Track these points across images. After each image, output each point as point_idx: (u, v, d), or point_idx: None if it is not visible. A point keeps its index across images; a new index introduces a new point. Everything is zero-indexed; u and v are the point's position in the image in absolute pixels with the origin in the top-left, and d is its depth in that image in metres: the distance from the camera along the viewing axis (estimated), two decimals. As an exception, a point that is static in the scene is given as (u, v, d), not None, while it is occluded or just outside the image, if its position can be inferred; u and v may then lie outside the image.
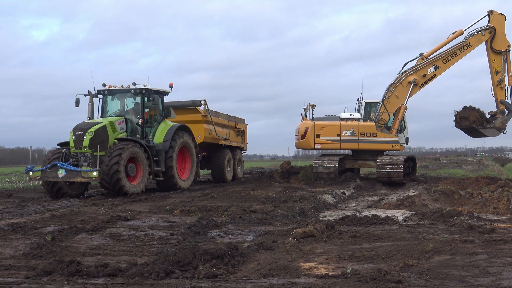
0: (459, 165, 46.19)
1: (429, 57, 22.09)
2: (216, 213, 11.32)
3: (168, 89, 18.33)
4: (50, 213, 11.29)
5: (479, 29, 22.01)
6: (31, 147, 49.96)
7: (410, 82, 21.87)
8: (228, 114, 23.78)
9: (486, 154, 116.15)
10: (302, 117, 23.05)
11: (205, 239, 8.38)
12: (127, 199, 14.53)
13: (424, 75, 21.88)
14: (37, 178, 15.51)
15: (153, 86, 17.59)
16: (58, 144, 16.44)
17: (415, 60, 22.26)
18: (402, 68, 22.40)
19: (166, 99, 18.85)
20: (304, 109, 22.90)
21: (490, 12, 22.04)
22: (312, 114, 22.69)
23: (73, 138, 15.73)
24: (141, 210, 12.02)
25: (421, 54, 22.20)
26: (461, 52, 22.06)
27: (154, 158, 16.92)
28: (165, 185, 17.62)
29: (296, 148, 24.45)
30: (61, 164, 15.12)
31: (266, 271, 5.94)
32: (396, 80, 22.15)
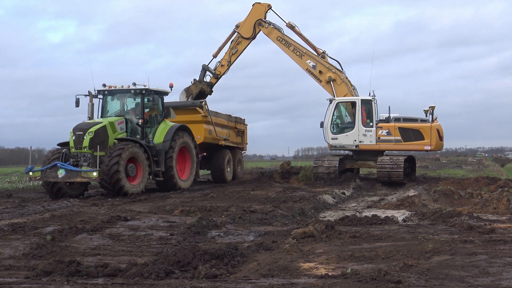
0: (459, 165, 46.16)
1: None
2: (216, 213, 11.32)
3: (168, 89, 18.36)
4: (50, 213, 11.30)
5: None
6: (31, 147, 49.85)
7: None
8: (229, 114, 23.79)
9: (486, 155, 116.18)
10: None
11: (205, 239, 8.38)
12: (127, 199, 14.53)
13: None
14: (37, 178, 15.51)
15: (153, 86, 17.61)
16: (58, 144, 16.44)
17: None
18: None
19: (166, 99, 18.89)
20: (425, 111, 22.16)
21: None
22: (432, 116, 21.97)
23: (73, 138, 15.73)
24: (141, 210, 12.03)
25: (324, 52, 22.91)
26: None
27: (154, 158, 16.92)
28: (165, 185, 17.62)
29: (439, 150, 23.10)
30: (61, 164, 15.12)
31: (266, 271, 5.95)
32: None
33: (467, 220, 9.74)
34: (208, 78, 23.55)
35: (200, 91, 23.20)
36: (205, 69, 23.46)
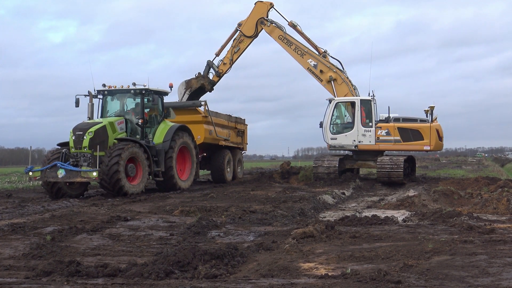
0: (459, 165, 46.18)
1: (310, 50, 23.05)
2: (216, 213, 11.32)
3: (168, 89, 18.36)
4: (50, 213, 11.30)
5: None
6: (30, 147, 49.74)
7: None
8: (229, 114, 23.79)
9: (486, 155, 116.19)
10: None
11: (205, 239, 8.38)
12: (127, 199, 14.53)
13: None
14: (37, 178, 15.51)
15: (153, 86, 17.61)
16: (58, 144, 16.44)
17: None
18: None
19: (166, 99, 18.89)
20: (425, 111, 22.13)
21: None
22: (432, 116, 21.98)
23: (73, 138, 15.72)
24: (140, 210, 12.02)
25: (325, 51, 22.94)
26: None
27: (154, 159, 16.92)
28: (165, 186, 17.62)
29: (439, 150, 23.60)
30: (61, 164, 15.11)
31: (266, 272, 5.94)
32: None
33: (467, 220, 9.74)
34: (211, 75, 23.62)
35: (200, 86, 23.27)
36: (209, 65, 23.53)
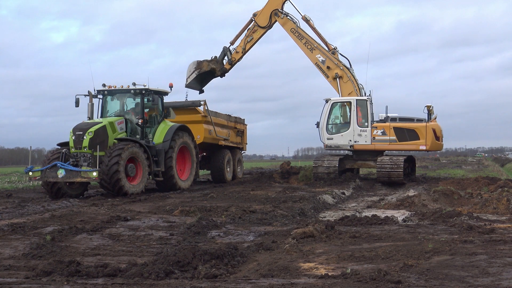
0: (459, 165, 46.18)
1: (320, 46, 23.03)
2: (216, 213, 11.32)
3: (168, 89, 18.36)
4: (50, 213, 11.29)
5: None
6: (30, 147, 49.63)
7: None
8: (228, 114, 23.80)
9: (486, 155, 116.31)
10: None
11: (204, 239, 8.38)
12: (127, 199, 14.53)
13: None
14: (37, 178, 15.51)
15: (153, 86, 17.61)
16: (58, 144, 16.44)
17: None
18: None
19: (166, 99, 18.89)
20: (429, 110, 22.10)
21: None
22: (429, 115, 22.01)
23: (73, 138, 15.73)
24: (140, 210, 12.02)
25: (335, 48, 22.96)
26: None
27: (153, 158, 16.92)
28: (165, 185, 17.62)
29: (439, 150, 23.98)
30: (61, 164, 15.11)
31: (265, 271, 5.94)
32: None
33: (467, 220, 9.74)
34: (225, 61, 23.78)
35: (210, 70, 23.40)
36: (225, 51, 23.73)
